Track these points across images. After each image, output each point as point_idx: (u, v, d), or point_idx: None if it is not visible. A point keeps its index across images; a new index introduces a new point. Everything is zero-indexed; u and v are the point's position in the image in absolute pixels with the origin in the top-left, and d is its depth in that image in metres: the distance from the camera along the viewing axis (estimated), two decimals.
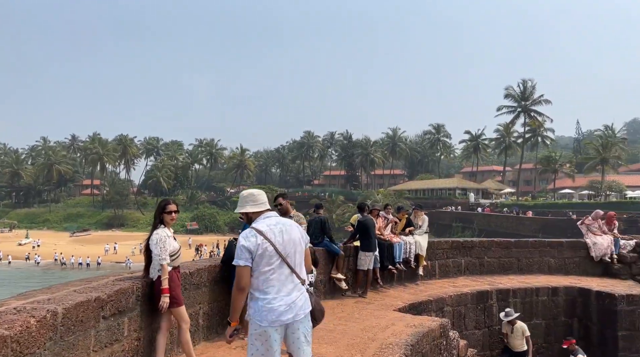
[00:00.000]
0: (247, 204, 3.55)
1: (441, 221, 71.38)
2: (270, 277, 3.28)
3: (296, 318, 3.28)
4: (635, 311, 10.11)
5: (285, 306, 3.24)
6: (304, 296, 3.39)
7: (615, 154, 69.44)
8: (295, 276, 3.37)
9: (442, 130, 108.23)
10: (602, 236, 12.97)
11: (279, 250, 3.31)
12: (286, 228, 3.43)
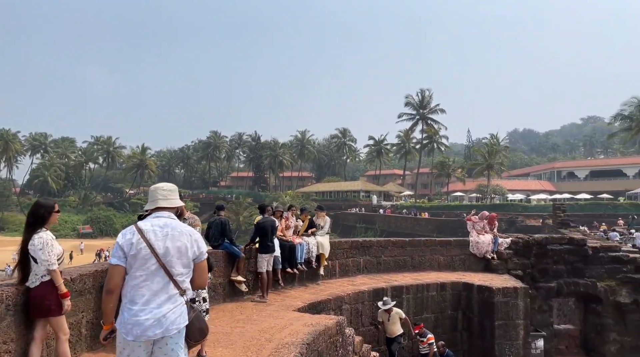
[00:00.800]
0: (157, 199, 3.22)
1: (346, 222, 73.69)
2: (141, 285, 2.94)
3: (166, 334, 2.92)
4: (509, 302, 11.26)
5: (154, 320, 2.88)
6: (179, 309, 3.00)
7: (499, 160, 76.73)
8: (173, 286, 3.00)
9: (348, 135, 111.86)
10: (484, 235, 14.28)
11: (158, 254, 2.98)
12: (174, 234, 3.07)
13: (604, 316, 13.52)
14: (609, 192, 73.17)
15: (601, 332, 13.52)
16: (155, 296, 2.94)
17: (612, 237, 27.98)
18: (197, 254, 3.15)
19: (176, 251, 3.04)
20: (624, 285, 13.65)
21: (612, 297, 13.58)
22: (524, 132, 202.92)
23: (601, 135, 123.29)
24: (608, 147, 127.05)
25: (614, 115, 63.11)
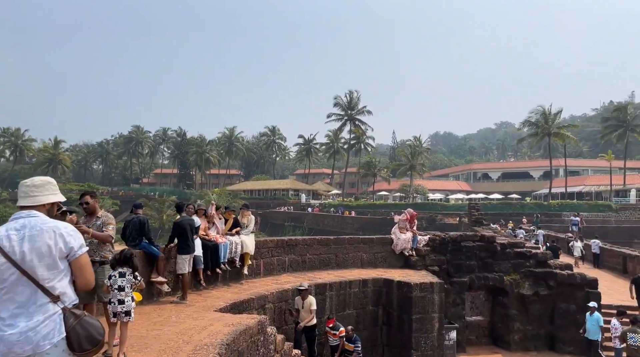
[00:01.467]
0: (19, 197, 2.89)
1: (275, 220, 73.58)
2: (3, 299, 2.62)
3: (37, 350, 2.58)
4: (426, 297, 11.86)
5: (20, 335, 2.56)
6: (51, 321, 2.65)
7: (421, 161, 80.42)
8: (42, 294, 2.67)
9: (278, 133, 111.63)
10: (405, 233, 14.91)
11: (15, 261, 2.64)
12: (32, 234, 2.71)
13: (509, 307, 14.65)
14: (518, 192, 79.30)
15: (507, 322, 14.64)
16: (22, 308, 2.63)
17: (519, 235, 30.39)
18: (66, 250, 2.77)
19: (36, 254, 2.69)
20: (527, 278, 14.88)
21: (517, 289, 14.75)
22: (444, 135, 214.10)
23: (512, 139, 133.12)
24: (518, 151, 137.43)
25: (522, 122, 68.55)
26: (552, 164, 71.50)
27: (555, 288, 14.62)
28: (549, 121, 62.94)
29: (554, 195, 69.46)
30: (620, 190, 64.90)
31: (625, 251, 22.59)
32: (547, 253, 16.09)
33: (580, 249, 24.54)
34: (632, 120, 67.68)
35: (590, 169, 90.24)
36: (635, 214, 56.65)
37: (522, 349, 14.29)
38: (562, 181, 72.10)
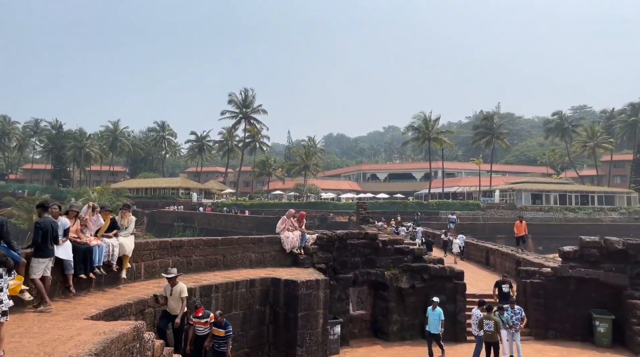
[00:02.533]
0: None
1: (163, 220, 70.15)
2: None
3: None
4: (311, 294, 12.21)
5: None
6: None
7: (315, 161, 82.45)
8: None
9: (168, 129, 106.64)
10: (293, 232, 15.19)
11: None
12: None
13: (389, 300, 15.67)
14: (402, 192, 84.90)
15: (386, 315, 15.65)
16: None
17: (401, 232, 32.58)
18: None
19: None
20: (405, 273, 16.04)
21: (396, 283, 15.82)
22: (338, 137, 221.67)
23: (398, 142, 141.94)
24: (403, 153, 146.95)
25: (407, 126, 73.62)
26: (432, 166, 77.71)
27: (429, 281, 15.95)
28: (429, 127, 68.36)
29: (433, 195, 75.55)
30: (487, 190, 72.68)
31: (487, 245, 25.40)
32: (422, 249, 17.50)
33: (459, 246, 25.97)
34: (498, 129, 76.22)
35: (464, 172, 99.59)
36: (498, 212, 63.83)
37: (399, 339, 15.35)
38: (440, 182, 78.81)
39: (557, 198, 68.13)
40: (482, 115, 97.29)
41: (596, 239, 16.13)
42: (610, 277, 15.28)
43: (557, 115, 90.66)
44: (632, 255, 15.30)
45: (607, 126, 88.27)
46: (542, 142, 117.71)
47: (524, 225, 22.80)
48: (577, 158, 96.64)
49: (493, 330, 12.10)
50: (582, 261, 15.88)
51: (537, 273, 16.36)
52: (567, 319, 15.58)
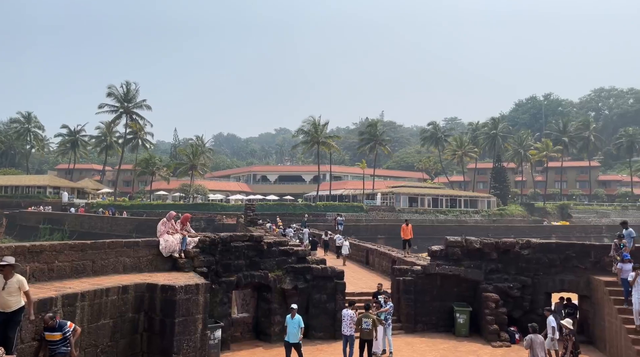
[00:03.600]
0: None
1: (26, 222, 62.89)
2: None
3: None
4: (190, 299, 11.80)
5: None
6: None
7: (203, 161, 79.96)
8: None
9: (34, 121, 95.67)
10: (173, 235, 14.55)
11: None
12: None
13: (272, 302, 15.75)
14: (292, 194, 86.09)
15: (269, 316, 15.70)
16: None
17: (288, 233, 32.99)
18: None
19: None
20: (288, 274, 16.26)
21: (279, 285, 15.96)
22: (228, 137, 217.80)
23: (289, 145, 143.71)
24: (293, 156, 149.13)
25: (297, 130, 74.95)
26: (320, 169, 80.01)
27: (311, 281, 16.36)
28: (318, 131, 70.32)
29: (321, 197, 77.76)
30: (371, 193, 76.81)
31: (367, 245, 26.84)
32: (306, 250, 17.89)
33: (348, 248, 26.38)
34: (381, 136, 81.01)
35: (350, 175, 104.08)
36: (380, 214, 67.81)
37: (281, 340, 15.39)
38: (328, 185, 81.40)
39: (430, 201, 74.41)
40: (367, 123, 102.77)
41: (459, 239, 17.90)
42: (469, 273, 17.06)
43: (432, 125, 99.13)
44: (487, 253, 17.26)
45: (473, 137, 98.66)
46: (420, 149, 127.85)
47: (410, 228, 22.74)
48: (448, 165, 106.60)
49: (371, 328, 12.67)
50: (447, 259, 17.52)
51: (409, 271, 17.66)
52: (433, 313, 17.05)
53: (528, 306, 16.61)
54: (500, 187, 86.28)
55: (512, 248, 17.24)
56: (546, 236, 54.17)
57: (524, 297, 16.67)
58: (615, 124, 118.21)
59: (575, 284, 16.37)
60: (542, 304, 16.77)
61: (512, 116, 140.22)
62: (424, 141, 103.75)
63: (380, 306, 14.13)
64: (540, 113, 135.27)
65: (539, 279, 16.83)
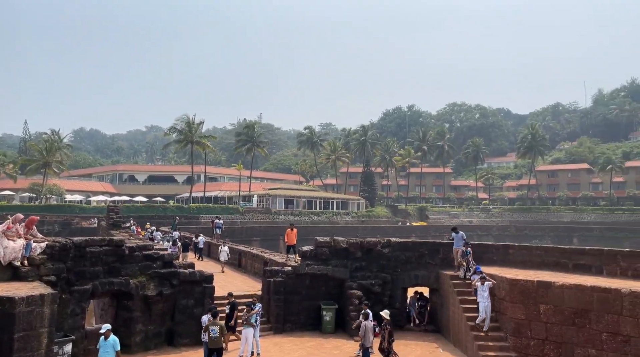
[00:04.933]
0: None
1: None
2: None
3: None
4: (33, 311, 10.48)
5: None
6: None
7: (59, 158, 71.87)
8: None
9: None
10: (15, 240, 12.81)
11: None
12: None
13: (134, 309, 14.73)
14: (163, 195, 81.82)
15: (129, 325, 14.65)
16: None
17: (156, 237, 31.23)
18: None
19: None
20: (153, 279, 15.36)
21: (142, 291, 15.00)
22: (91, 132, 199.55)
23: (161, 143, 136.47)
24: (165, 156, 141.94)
25: (170, 128, 71.41)
26: (194, 170, 77.30)
27: (178, 286, 15.66)
28: (192, 130, 67.83)
29: (194, 199, 75.14)
30: (247, 195, 76.36)
31: (240, 248, 26.60)
32: (172, 254, 17.11)
33: (227, 253, 24.83)
34: (258, 137, 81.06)
35: (226, 177, 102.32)
36: (256, 216, 67.77)
37: (142, 349, 14.59)
38: (202, 186, 78.92)
39: (305, 203, 76.49)
40: (244, 124, 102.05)
41: (327, 239, 18.66)
42: (336, 272, 17.87)
43: (308, 129, 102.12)
44: (353, 252, 18.25)
45: (346, 143, 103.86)
46: (296, 152, 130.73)
47: (295, 233, 21.62)
48: (323, 168, 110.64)
49: (218, 336, 12.49)
50: (317, 259, 18.13)
51: (280, 272, 17.89)
52: (302, 312, 17.50)
53: (387, 301, 17.90)
54: (369, 190, 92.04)
55: (375, 247, 18.46)
56: (407, 236, 59.16)
57: (384, 293, 17.94)
58: (465, 135, 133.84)
59: (427, 278, 18.11)
60: (400, 299, 18.29)
61: (381, 124, 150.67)
62: (300, 145, 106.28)
63: (251, 309, 14.14)
64: (405, 122, 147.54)
65: (397, 275, 18.27)
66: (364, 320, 13.28)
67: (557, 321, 12.80)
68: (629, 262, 14.03)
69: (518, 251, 17.51)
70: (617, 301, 11.71)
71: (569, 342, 12.51)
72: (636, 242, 63.60)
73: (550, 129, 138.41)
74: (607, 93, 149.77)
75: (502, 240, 55.32)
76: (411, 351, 14.84)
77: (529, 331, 13.29)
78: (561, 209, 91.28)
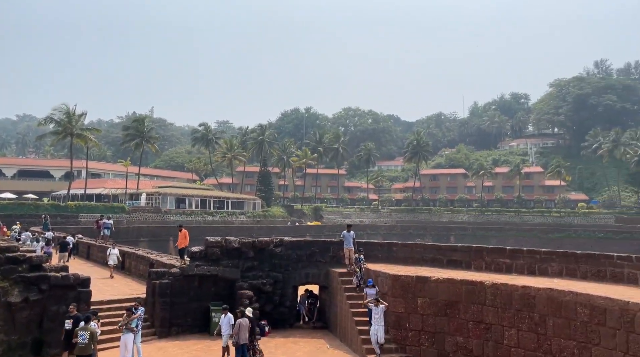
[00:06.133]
0: None
1: None
2: None
3: None
4: None
5: None
6: None
7: None
8: None
9: None
10: None
11: None
12: None
13: None
14: (36, 192, 73.79)
15: None
16: None
17: (25, 238, 28.07)
18: None
19: None
20: (17, 284, 13.74)
21: (4, 298, 13.35)
22: None
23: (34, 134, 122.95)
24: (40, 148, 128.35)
25: (45, 118, 64.38)
26: (75, 165, 70.86)
27: (48, 291, 14.20)
28: (72, 121, 61.96)
29: (74, 196, 68.87)
30: (134, 193, 71.80)
31: (123, 249, 24.90)
32: (43, 256, 15.50)
33: (117, 257, 22.55)
34: (148, 132, 76.66)
35: (111, 173, 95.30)
36: (144, 216, 64.00)
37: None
38: (83, 182, 72.52)
39: (199, 202, 74.02)
40: (134, 117, 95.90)
41: (218, 239, 18.24)
42: (227, 272, 17.55)
43: (204, 126, 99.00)
44: (245, 252, 18.06)
45: (243, 141, 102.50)
46: (190, 150, 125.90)
47: (185, 234, 19.82)
48: (218, 167, 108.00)
49: (87, 342, 11.68)
50: (207, 259, 17.64)
51: (166, 274, 17.08)
52: (189, 314, 16.90)
53: (278, 300, 18.03)
54: (266, 190, 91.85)
55: (267, 246, 18.46)
56: (302, 235, 60.08)
57: (275, 292, 18.02)
58: (358, 139, 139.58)
59: (317, 276, 18.56)
60: (291, 297, 18.52)
61: (279, 124, 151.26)
62: (194, 142, 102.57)
63: (132, 313, 13.31)
64: (302, 124, 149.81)
65: (289, 274, 18.47)
66: (240, 318, 13.19)
67: (431, 312, 13.90)
68: (492, 257, 15.72)
69: (401, 249, 18.72)
70: (481, 292, 13.04)
71: (441, 331, 13.66)
72: (501, 240, 71.64)
73: (433, 136, 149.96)
74: (481, 106, 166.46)
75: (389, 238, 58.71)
76: (299, 349, 15.08)
77: (407, 323, 14.25)
78: (441, 210, 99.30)
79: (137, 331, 13.16)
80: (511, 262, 15.20)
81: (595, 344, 10.39)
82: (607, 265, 12.96)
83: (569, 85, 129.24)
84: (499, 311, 12.57)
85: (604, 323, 10.21)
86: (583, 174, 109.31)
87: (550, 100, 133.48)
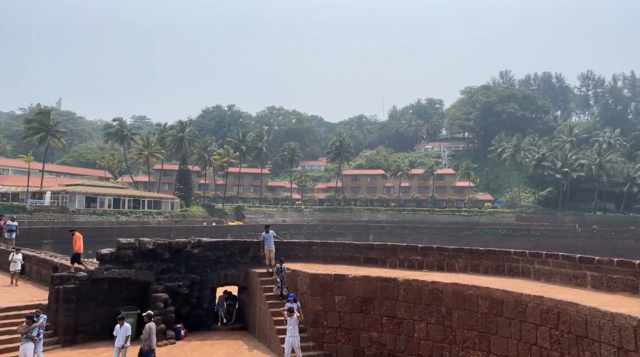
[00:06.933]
0: None
1: None
2: None
3: None
4: None
5: None
6: None
7: None
8: None
9: None
10: None
11: None
12: None
13: None
14: None
15: None
16: None
17: None
18: None
19: None
20: None
21: None
22: None
23: None
24: None
25: None
26: None
27: None
28: None
29: None
30: (37, 192, 66.16)
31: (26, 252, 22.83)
32: None
33: (21, 262, 20.13)
34: (54, 126, 71.07)
35: (11, 169, 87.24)
36: (48, 216, 59.19)
37: None
38: None
39: (112, 202, 69.86)
40: (38, 110, 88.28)
41: (131, 240, 17.36)
42: (140, 275, 16.76)
43: (118, 121, 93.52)
44: (160, 253, 17.36)
45: (161, 138, 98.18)
46: (103, 146, 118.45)
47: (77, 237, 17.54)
48: (134, 165, 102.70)
49: None
50: (118, 262, 16.71)
51: (72, 278, 15.96)
52: (98, 320, 15.92)
53: (195, 302, 17.56)
54: (185, 189, 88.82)
55: (184, 247, 17.90)
56: (223, 235, 58.90)
57: (192, 294, 17.52)
58: (282, 138, 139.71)
59: (237, 277, 18.33)
60: (208, 299, 18.11)
61: (199, 122, 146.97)
62: (108, 137, 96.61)
63: (32, 321, 12.30)
64: (225, 122, 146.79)
65: (207, 275, 18.04)
66: (148, 322, 12.73)
67: (348, 309, 14.31)
68: (405, 255, 16.50)
69: (320, 247, 19.03)
70: (394, 288, 13.66)
71: (357, 327, 14.11)
72: (416, 238, 75.38)
73: (355, 137, 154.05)
74: (399, 109, 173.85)
75: (311, 238, 59.39)
76: (216, 351, 14.81)
77: (325, 321, 14.54)
78: (361, 210, 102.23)
79: (38, 340, 12.21)
80: (422, 259, 16.05)
81: (494, 333, 11.31)
82: (505, 260, 14.12)
83: (478, 93, 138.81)
84: (410, 305, 13.24)
85: (501, 314, 11.14)
86: (489, 176, 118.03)
87: (461, 106, 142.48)
